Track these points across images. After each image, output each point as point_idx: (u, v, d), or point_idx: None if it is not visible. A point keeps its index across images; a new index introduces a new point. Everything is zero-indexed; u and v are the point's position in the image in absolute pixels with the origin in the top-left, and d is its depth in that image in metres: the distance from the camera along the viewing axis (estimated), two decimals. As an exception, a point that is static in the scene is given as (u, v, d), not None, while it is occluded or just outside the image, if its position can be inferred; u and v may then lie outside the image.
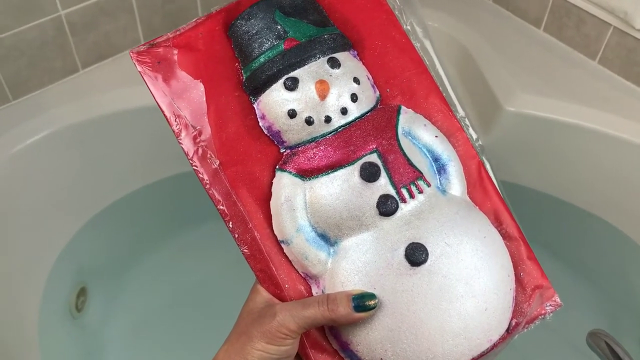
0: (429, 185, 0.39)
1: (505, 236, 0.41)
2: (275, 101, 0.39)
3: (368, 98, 0.40)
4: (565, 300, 0.42)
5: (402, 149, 0.39)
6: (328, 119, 0.39)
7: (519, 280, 0.41)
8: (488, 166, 0.43)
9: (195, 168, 0.39)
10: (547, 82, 0.87)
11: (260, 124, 0.40)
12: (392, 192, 0.38)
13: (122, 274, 1.00)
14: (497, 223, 0.41)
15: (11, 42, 0.79)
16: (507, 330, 0.40)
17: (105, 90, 0.85)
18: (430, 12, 0.97)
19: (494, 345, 0.39)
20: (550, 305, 0.41)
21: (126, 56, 0.89)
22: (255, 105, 0.40)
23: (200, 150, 0.39)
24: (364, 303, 0.36)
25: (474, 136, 0.43)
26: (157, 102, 0.39)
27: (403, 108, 0.41)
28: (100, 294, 0.96)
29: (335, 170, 0.38)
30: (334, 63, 0.39)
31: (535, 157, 0.88)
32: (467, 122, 0.43)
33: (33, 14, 0.78)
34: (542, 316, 0.41)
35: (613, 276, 0.92)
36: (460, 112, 0.44)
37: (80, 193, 0.88)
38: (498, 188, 0.43)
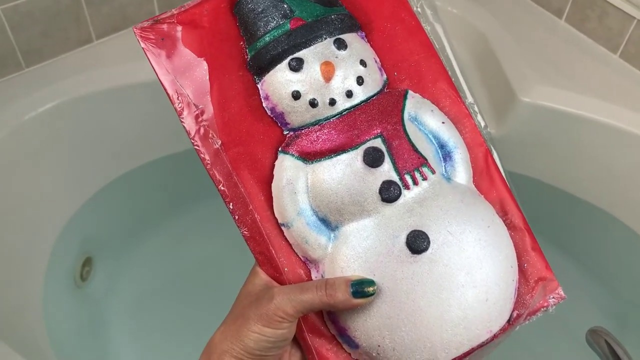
0: (433, 172, 0.38)
1: (510, 226, 0.40)
2: (280, 82, 0.38)
3: (374, 81, 0.39)
4: (571, 294, 0.41)
5: (407, 135, 0.38)
6: (332, 102, 0.38)
7: (522, 272, 0.40)
8: (495, 154, 0.42)
9: (197, 148, 0.39)
10: (565, 74, 0.85)
11: (264, 104, 0.39)
12: (396, 178, 0.37)
13: (128, 247, 1.01)
14: (503, 213, 0.41)
15: (26, 9, 0.78)
16: (509, 321, 0.39)
17: (118, 63, 0.85)
18: (450, -4, 0.95)
19: (494, 336, 0.38)
20: (553, 297, 0.40)
21: (141, 29, 0.89)
22: (259, 86, 0.39)
23: (202, 130, 0.38)
24: (362, 289, 0.35)
25: (482, 123, 0.42)
26: (159, 79, 0.39)
27: (410, 92, 0.40)
28: (105, 265, 0.97)
29: (339, 154, 0.38)
30: (341, 44, 0.38)
31: (547, 149, 0.87)
32: (476, 109, 0.42)
33: (48, -19, 0.78)
34: (545, 308, 0.40)
35: (620, 272, 0.91)
36: (469, 99, 0.43)
37: (90, 164, 0.89)
38: (505, 177, 0.42)
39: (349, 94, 0.38)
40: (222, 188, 0.38)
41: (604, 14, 0.86)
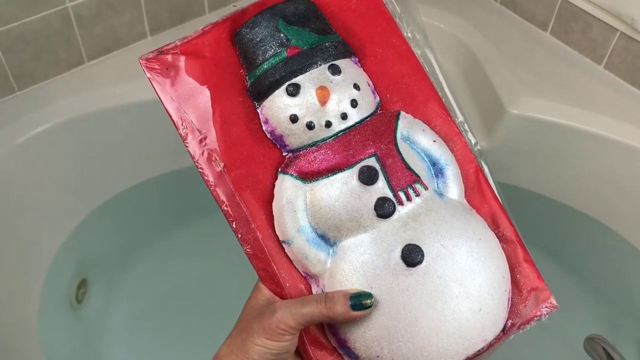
0: (426, 188, 0.40)
1: (502, 239, 0.42)
2: (278, 106, 0.40)
3: (368, 104, 0.41)
4: (565, 303, 0.42)
5: (400, 153, 0.40)
6: (328, 124, 0.40)
7: (515, 282, 0.42)
8: (486, 170, 0.44)
9: (201, 170, 0.41)
10: (552, 85, 0.87)
11: (264, 128, 0.41)
12: (390, 194, 0.39)
13: (123, 267, 1.01)
14: (494, 226, 0.42)
15: (17, 32, 0.79)
16: (503, 330, 0.41)
17: (110, 84, 0.86)
18: (436, 12, 0.98)
19: (489, 345, 0.40)
20: (546, 307, 0.42)
21: (132, 50, 0.90)
22: (259, 110, 0.41)
23: (205, 153, 0.41)
24: (360, 302, 0.37)
25: (473, 141, 0.44)
26: (164, 106, 0.41)
27: (402, 113, 0.42)
28: (100, 286, 0.97)
29: (335, 174, 0.40)
30: (335, 70, 0.40)
31: (537, 160, 0.88)
32: (466, 127, 0.44)
33: (40, 5, 0.79)
34: (538, 317, 0.42)
35: (613, 280, 0.92)
36: (459, 118, 0.45)
37: (83, 185, 0.89)
38: (496, 192, 0.44)
39: (344, 116, 0.40)
40: (226, 208, 0.40)
41: (587, 27, 0.88)
